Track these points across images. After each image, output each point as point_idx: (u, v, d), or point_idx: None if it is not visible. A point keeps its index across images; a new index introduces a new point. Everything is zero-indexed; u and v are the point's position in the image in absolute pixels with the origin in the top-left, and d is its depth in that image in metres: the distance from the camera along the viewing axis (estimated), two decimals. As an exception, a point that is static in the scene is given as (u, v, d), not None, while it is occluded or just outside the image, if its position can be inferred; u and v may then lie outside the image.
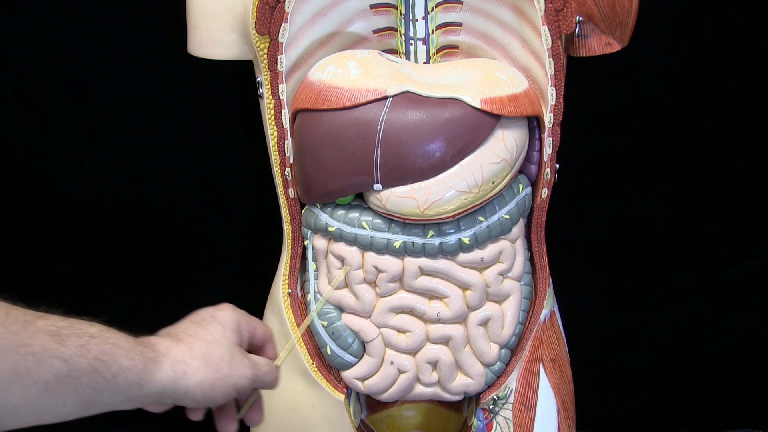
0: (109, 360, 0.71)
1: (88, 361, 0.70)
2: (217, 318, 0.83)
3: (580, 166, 1.23)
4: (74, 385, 0.69)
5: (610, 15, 0.99)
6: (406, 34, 1.05)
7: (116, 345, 0.72)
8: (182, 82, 1.37)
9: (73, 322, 0.72)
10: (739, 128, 1.45)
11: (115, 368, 0.71)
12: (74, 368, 0.69)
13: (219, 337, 0.80)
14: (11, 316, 0.67)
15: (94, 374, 0.70)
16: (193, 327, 0.81)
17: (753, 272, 1.53)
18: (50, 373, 0.67)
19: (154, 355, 0.75)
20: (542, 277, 1.10)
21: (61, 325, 0.70)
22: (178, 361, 0.76)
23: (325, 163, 0.98)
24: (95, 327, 0.73)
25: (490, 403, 1.07)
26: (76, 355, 0.69)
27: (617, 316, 1.56)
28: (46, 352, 0.67)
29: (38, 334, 0.68)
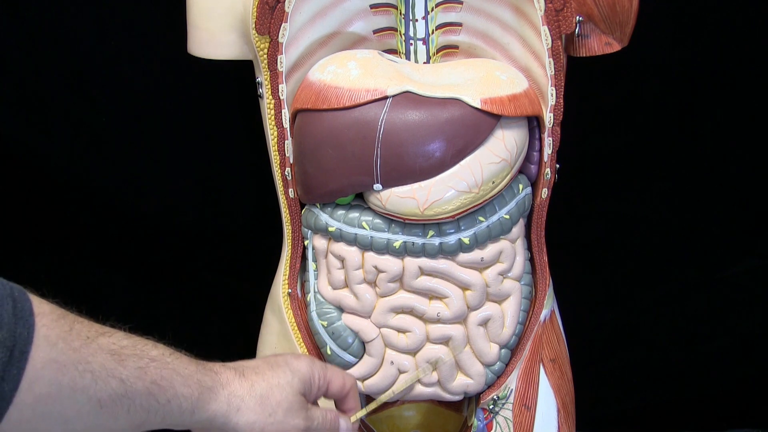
0: (166, 385, 0.71)
1: (145, 384, 0.70)
2: (290, 364, 0.82)
3: (580, 166, 1.23)
4: (128, 405, 0.69)
5: (610, 15, 0.99)
6: (406, 34, 1.05)
7: (175, 371, 0.72)
8: (182, 82, 1.37)
9: (136, 342, 0.72)
10: (739, 128, 1.45)
11: (171, 394, 0.72)
12: (130, 390, 0.69)
13: (284, 383, 0.79)
14: (74, 331, 0.67)
15: (149, 397, 0.70)
16: (263, 366, 0.80)
17: (753, 272, 1.53)
18: (106, 392, 0.68)
19: (213, 384, 0.75)
20: (542, 277, 1.10)
21: (123, 344, 0.71)
22: (235, 396, 0.76)
23: (325, 163, 0.98)
24: (158, 349, 0.73)
25: (490, 403, 1.07)
26: (133, 377, 0.69)
27: (617, 316, 1.56)
28: (105, 370, 0.68)
29: (99, 352, 0.68)
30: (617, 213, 1.50)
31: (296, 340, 1.07)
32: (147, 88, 1.38)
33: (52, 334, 0.65)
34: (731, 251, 1.52)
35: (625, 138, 1.45)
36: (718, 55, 1.39)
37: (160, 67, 1.37)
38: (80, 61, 1.36)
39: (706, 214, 1.49)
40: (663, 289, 1.54)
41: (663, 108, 1.43)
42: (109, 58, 1.36)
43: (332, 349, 1.04)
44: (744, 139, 1.45)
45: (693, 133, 1.45)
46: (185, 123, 1.41)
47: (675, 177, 1.48)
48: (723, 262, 1.52)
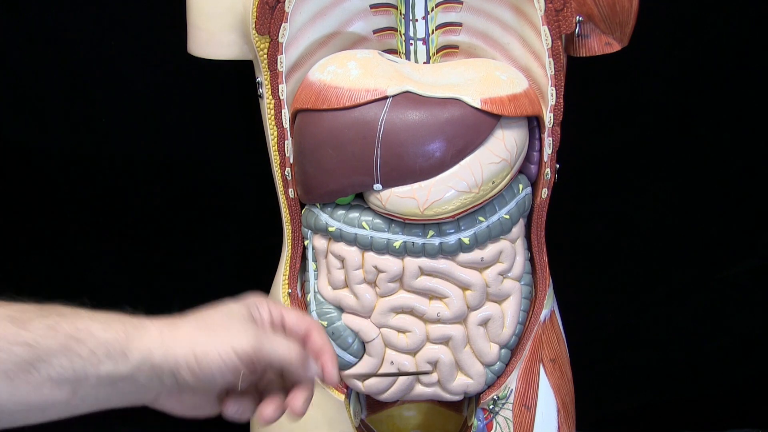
0: (84, 336, 0.63)
1: (59, 341, 0.62)
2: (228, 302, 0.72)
3: (580, 166, 1.23)
4: (46, 371, 0.61)
5: (610, 15, 0.99)
6: (406, 34, 1.05)
7: (91, 319, 0.64)
8: (182, 82, 1.37)
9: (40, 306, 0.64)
10: (739, 128, 1.45)
11: (93, 343, 0.63)
12: (42, 351, 0.61)
13: (225, 310, 0.70)
14: None
15: (68, 354, 0.62)
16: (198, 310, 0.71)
17: (753, 272, 1.53)
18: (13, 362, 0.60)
19: (139, 323, 0.67)
20: (542, 277, 1.10)
21: (24, 308, 0.63)
22: (167, 324, 0.67)
23: (325, 163, 0.98)
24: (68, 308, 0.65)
25: (490, 403, 1.07)
26: (42, 337, 0.61)
27: (617, 316, 1.56)
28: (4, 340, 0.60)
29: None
30: (617, 213, 1.50)
31: None
32: (147, 88, 1.38)
33: None
34: (731, 251, 1.52)
35: (625, 138, 1.45)
36: (718, 55, 1.39)
37: (160, 67, 1.37)
38: (80, 61, 1.36)
39: (706, 214, 1.49)
40: (663, 289, 1.54)
41: (663, 108, 1.43)
42: (109, 58, 1.36)
43: (332, 349, 1.04)
44: (744, 139, 1.45)
45: (693, 133, 1.45)
46: (185, 123, 1.41)
47: (675, 177, 1.48)
48: (723, 262, 1.52)
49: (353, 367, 1.05)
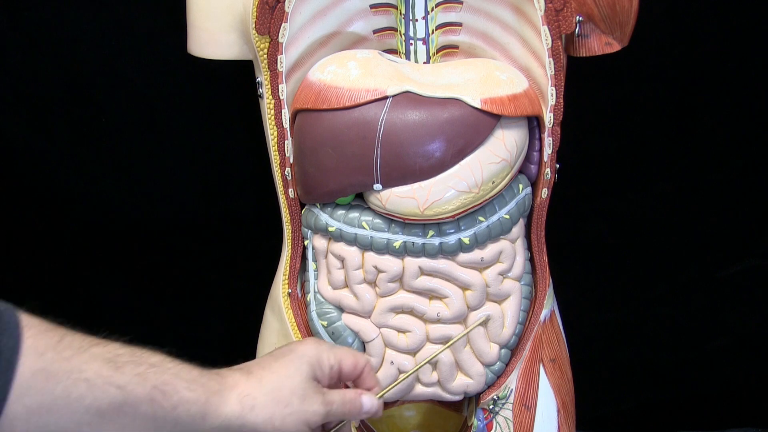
0: (170, 390, 0.69)
1: (146, 390, 0.68)
2: (295, 351, 0.79)
3: (580, 166, 1.23)
4: (131, 414, 0.67)
5: (610, 15, 0.99)
6: (406, 34, 1.05)
7: (177, 375, 0.70)
8: (182, 82, 1.37)
9: (133, 350, 0.70)
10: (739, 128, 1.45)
11: (176, 399, 0.69)
12: (130, 397, 0.67)
13: (292, 371, 0.77)
14: (65, 342, 0.66)
15: (152, 404, 0.68)
16: (268, 360, 0.78)
17: (752, 271, 1.53)
18: (104, 401, 0.66)
19: (219, 388, 0.73)
20: (542, 277, 1.10)
21: (119, 352, 0.69)
22: (246, 395, 0.74)
23: (325, 163, 0.98)
24: (157, 356, 0.71)
25: (490, 403, 1.07)
26: (132, 383, 0.67)
27: (617, 315, 1.56)
28: (101, 378, 0.66)
29: (93, 361, 0.66)
30: (617, 213, 1.50)
31: (296, 340, 1.07)
32: (147, 88, 1.38)
33: (41, 345, 0.64)
34: (730, 251, 1.52)
35: (625, 138, 1.45)
36: (717, 55, 1.39)
37: (160, 67, 1.37)
38: (80, 61, 1.36)
39: (706, 214, 1.49)
40: (663, 289, 1.54)
41: (663, 108, 1.43)
42: (109, 58, 1.36)
43: (332, 349, 1.04)
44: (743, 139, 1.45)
45: (693, 133, 1.45)
46: (185, 123, 1.41)
47: (675, 177, 1.48)
48: (723, 262, 1.52)
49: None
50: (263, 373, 0.76)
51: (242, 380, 0.75)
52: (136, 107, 1.39)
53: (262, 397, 0.74)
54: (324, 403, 0.78)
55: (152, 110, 1.40)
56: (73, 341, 0.66)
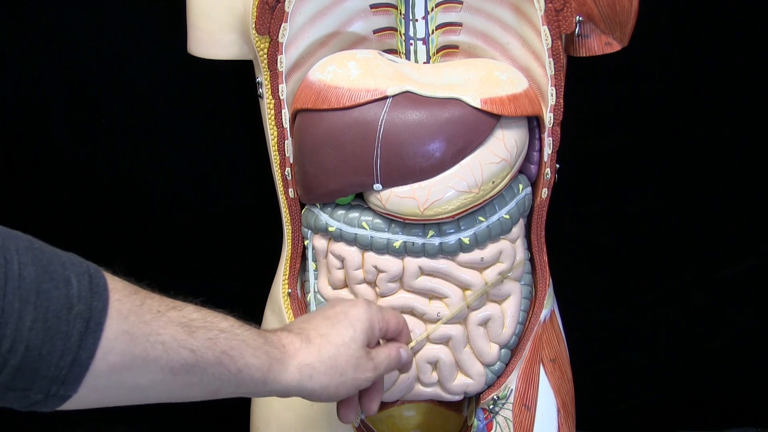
0: (236, 355, 0.75)
1: (215, 354, 0.73)
2: (349, 317, 0.85)
3: (580, 166, 1.23)
4: (200, 374, 0.73)
5: (610, 15, 0.99)
6: (406, 34, 1.05)
7: (244, 342, 0.76)
8: (182, 82, 1.37)
9: (206, 314, 0.76)
10: (739, 128, 1.45)
11: (241, 364, 0.75)
12: (201, 359, 0.72)
13: (348, 340, 0.83)
14: (146, 305, 0.71)
15: (220, 367, 0.74)
16: (325, 325, 0.84)
17: (752, 271, 1.53)
18: (178, 362, 0.71)
19: (282, 356, 0.79)
20: (542, 277, 1.10)
21: (193, 317, 0.74)
22: (306, 365, 0.80)
23: (325, 163, 0.98)
24: (228, 321, 0.77)
25: (490, 403, 1.07)
26: (203, 348, 0.73)
27: (617, 315, 1.56)
28: (176, 341, 0.71)
29: (169, 325, 0.71)
30: (617, 213, 1.50)
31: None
32: (147, 88, 1.38)
33: (125, 308, 0.69)
34: (731, 251, 1.52)
35: (625, 138, 1.45)
36: (717, 55, 1.39)
37: (160, 67, 1.37)
38: (80, 61, 1.37)
39: (706, 214, 1.49)
40: (663, 289, 1.55)
41: (663, 108, 1.43)
42: (109, 58, 1.36)
43: (332, 349, 1.04)
44: (743, 139, 1.46)
45: (693, 133, 1.45)
46: (185, 123, 1.41)
47: (675, 177, 1.48)
48: (723, 262, 1.53)
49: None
50: (321, 341, 0.82)
51: (302, 349, 0.81)
52: (136, 107, 1.39)
53: (320, 366, 0.81)
54: (374, 369, 0.85)
55: (152, 110, 1.40)
56: (153, 304, 0.72)
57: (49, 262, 0.67)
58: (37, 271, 0.65)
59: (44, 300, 0.65)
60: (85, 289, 0.67)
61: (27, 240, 0.67)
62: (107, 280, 0.70)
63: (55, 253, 0.68)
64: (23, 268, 0.65)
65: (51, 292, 0.65)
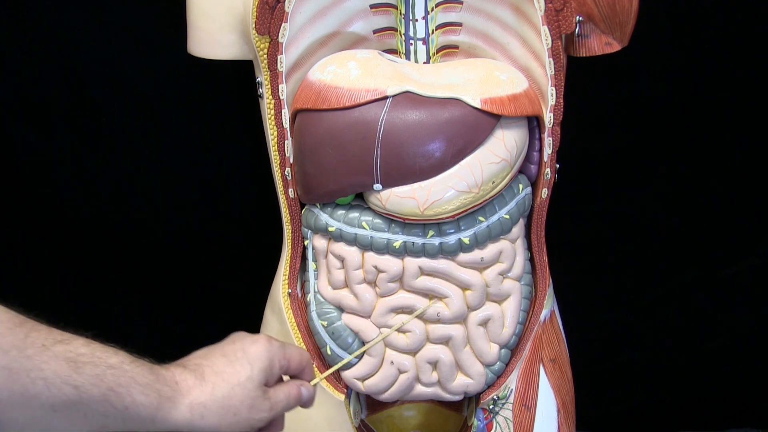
0: (123, 392, 0.72)
1: (101, 391, 0.71)
2: (248, 354, 0.82)
3: (580, 166, 1.23)
4: (84, 411, 0.71)
5: (610, 15, 0.99)
6: (406, 34, 1.05)
7: (133, 379, 0.73)
8: (182, 82, 1.37)
9: (95, 349, 0.73)
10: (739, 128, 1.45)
11: (128, 401, 0.73)
12: (85, 396, 0.70)
13: (244, 379, 0.80)
14: (30, 338, 0.69)
15: (105, 404, 0.71)
16: (222, 363, 0.81)
17: (752, 271, 1.53)
18: (59, 398, 0.69)
19: (173, 394, 0.76)
20: (542, 277, 1.10)
21: (81, 351, 0.71)
22: (198, 404, 0.77)
23: (325, 163, 0.98)
24: (118, 357, 0.74)
25: (490, 403, 1.07)
26: (88, 384, 0.70)
27: (617, 316, 1.56)
28: (59, 378, 0.69)
29: (53, 360, 0.69)
30: (617, 213, 1.50)
31: (296, 340, 1.07)
32: (147, 88, 1.38)
33: (6, 342, 0.67)
34: (730, 250, 1.52)
35: (625, 138, 1.45)
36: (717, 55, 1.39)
37: (160, 67, 1.37)
38: (80, 61, 1.37)
39: (706, 214, 1.49)
40: (663, 289, 1.55)
41: (663, 108, 1.43)
42: (109, 58, 1.36)
43: (332, 349, 1.04)
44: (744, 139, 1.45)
45: (693, 133, 1.45)
46: (185, 123, 1.41)
47: (675, 177, 1.48)
48: (723, 262, 1.52)
49: (353, 367, 1.05)
50: (215, 379, 0.79)
51: (196, 387, 0.78)
52: (136, 107, 1.39)
53: (212, 405, 0.78)
54: (270, 409, 0.82)
55: (152, 110, 1.40)
56: (38, 338, 0.69)
57: None
58: None
59: None
60: None
61: None
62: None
63: None
64: None
65: None
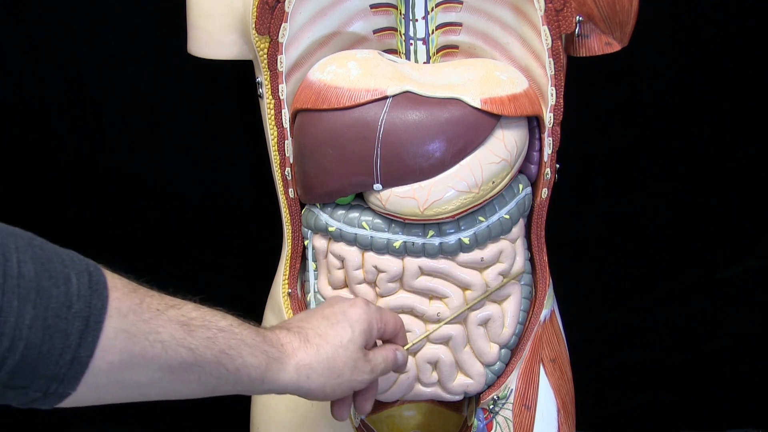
0: (234, 354, 0.75)
1: (214, 353, 0.74)
2: (348, 317, 0.85)
3: (580, 166, 1.23)
4: (198, 372, 0.73)
5: (610, 15, 0.99)
6: (406, 34, 1.05)
7: (243, 341, 0.76)
8: (182, 82, 1.37)
9: (205, 313, 0.76)
10: (739, 128, 1.45)
11: (239, 363, 0.76)
12: (199, 358, 0.73)
13: (346, 341, 0.84)
14: (145, 303, 0.71)
15: (218, 366, 0.74)
16: (324, 325, 0.84)
17: (752, 271, 1.53)
18: (176, 360, 0.71)
19: (280, 355, 0.79)
20: (542, 277, 1.10)
21: (192, 315, 0.74)
22: (304, 365, 0.80)
23: (325, 163, 0.98)
24: (226, 320, 0.77)
25: (490, 403, 1.07)
26: (202, 347, 0.73)
27: (617, 316, 1.56)
28: (174, 340, 0.71)
29: (169, 323, 0.72)
30: (617, 213, 1.50)
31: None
32: (147, 88, 1.39)
33: (124, 307, 0.69)
34: (731, 251, 1.52)
35: (625, 138, 1.45)
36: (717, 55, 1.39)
37: (160, 67, 1.37)
38: (80, 61, 1.37)
39: (706, 214, 1.49)
40: (663, 289, 1.55)
41: (663, 108, 1.43)
42: (109, 58, 1.36)
43: (332, 349, 1.04)
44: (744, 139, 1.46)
45: (693, 133, 1.45)
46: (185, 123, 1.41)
47: (675, 177, 1.48)
48: (723, 262, 1.53)
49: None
50: (320, 341, 0.82)
51: (301, 349, 0.81)
52: (136, 107, 1.39)
53: (317, 367, 0.81)
54: (370, 371, 0.86)
55: (152, 110, 1.40)
56: (152, 303, 0.72)
57: (49, 259, 0.67)
58: (36, 269, 0.65)
59: (44, 298, 0.65)
60: (85, 288, 0.67)
61: (27, 237, 0.67)
62: (107, 278, 0.70)
63: (55, 251, 0.68)
64: (22, 265, 0.64)
65: (50, 290, 0.65)
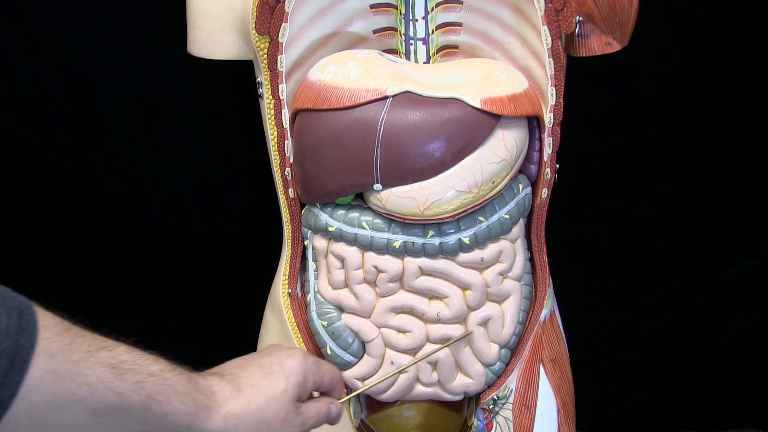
0: (163, 400, 0.74)
1: (141, 398, 0.73)
2: (284, 367, 0.84)
3: (580, 166, 1.23)
4: (124, 417, 0.72)
5: (610, 15, 0.99)
6: (406, 34, 1.05)
7: (173, 387, 0.75)
8: (182, 82, 1.37)
9: (136, 357, 0.75)
10: (739, 128, 1.45)
11: (167, 409, 0.75)
12: (126, 402, 0.72)
13: (279, 393, 0.83)
14: (75, 344, 0.70)
15: (144, 411, 0.73)
16: (258, 375, 0.83)
17: (752, 272, 1.53)
18: (102, 404, 0.71)
19: (209, 403, 0.78)
20: (542, 277, 1.10)
21: (123, 359, 0.73)
22: (232, 415, 0.79)
23: (325, 163, 0.98)
24: (158, 365, 0.76)
25: (490, 403, 1.07)
26: (130, 391, 0.72)
27: (617, 316, 1.56)
28: (102, 383, 0.71)
29: (98, 366, 0.71)
30: (617, 213, 1.50)
31: (296, 340, 1.07)
32: (147, 88, 1.38)
33: (53, 347, 0.68)
34: (731, 251, 1.52)
35: (625, 138, 1.45)
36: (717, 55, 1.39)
37: (160, 67, 1.37)
38: (80, 61, 1.37)
39: (706, 214, 1.49)
40: (663, 289, 1.55)
41: (663, 108, 1.43)
42: (109, 58, 1.36)
43: (332, 349, 1.04)
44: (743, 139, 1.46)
45: (692, 133, 1.45)
46: (185, 123, 1.41)
47: (675, 177, 1.48)
48: (722, 262, 1.52)
49: (353, 367, 1.05)
50: (251, 392, 0.81)
51: (231, 398, 0.80)
52: (136, 107, 1.39)
53: (246, 417, 0.80)
54: (301, 424, 0.84)
55: (152, 110, 1.40)
56: (83, 344, 0.71)
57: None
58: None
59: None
60: (14, 326, 0.66)
61: None
62: (38, 317, 0.68)
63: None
64: None
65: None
